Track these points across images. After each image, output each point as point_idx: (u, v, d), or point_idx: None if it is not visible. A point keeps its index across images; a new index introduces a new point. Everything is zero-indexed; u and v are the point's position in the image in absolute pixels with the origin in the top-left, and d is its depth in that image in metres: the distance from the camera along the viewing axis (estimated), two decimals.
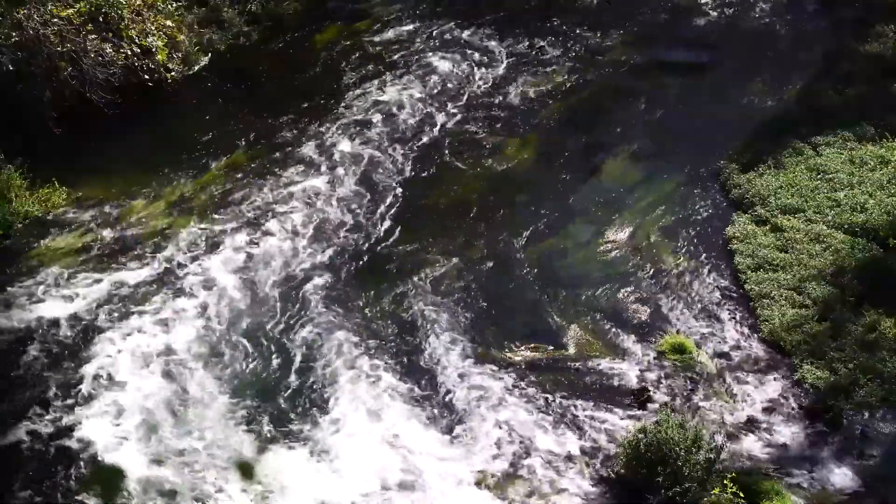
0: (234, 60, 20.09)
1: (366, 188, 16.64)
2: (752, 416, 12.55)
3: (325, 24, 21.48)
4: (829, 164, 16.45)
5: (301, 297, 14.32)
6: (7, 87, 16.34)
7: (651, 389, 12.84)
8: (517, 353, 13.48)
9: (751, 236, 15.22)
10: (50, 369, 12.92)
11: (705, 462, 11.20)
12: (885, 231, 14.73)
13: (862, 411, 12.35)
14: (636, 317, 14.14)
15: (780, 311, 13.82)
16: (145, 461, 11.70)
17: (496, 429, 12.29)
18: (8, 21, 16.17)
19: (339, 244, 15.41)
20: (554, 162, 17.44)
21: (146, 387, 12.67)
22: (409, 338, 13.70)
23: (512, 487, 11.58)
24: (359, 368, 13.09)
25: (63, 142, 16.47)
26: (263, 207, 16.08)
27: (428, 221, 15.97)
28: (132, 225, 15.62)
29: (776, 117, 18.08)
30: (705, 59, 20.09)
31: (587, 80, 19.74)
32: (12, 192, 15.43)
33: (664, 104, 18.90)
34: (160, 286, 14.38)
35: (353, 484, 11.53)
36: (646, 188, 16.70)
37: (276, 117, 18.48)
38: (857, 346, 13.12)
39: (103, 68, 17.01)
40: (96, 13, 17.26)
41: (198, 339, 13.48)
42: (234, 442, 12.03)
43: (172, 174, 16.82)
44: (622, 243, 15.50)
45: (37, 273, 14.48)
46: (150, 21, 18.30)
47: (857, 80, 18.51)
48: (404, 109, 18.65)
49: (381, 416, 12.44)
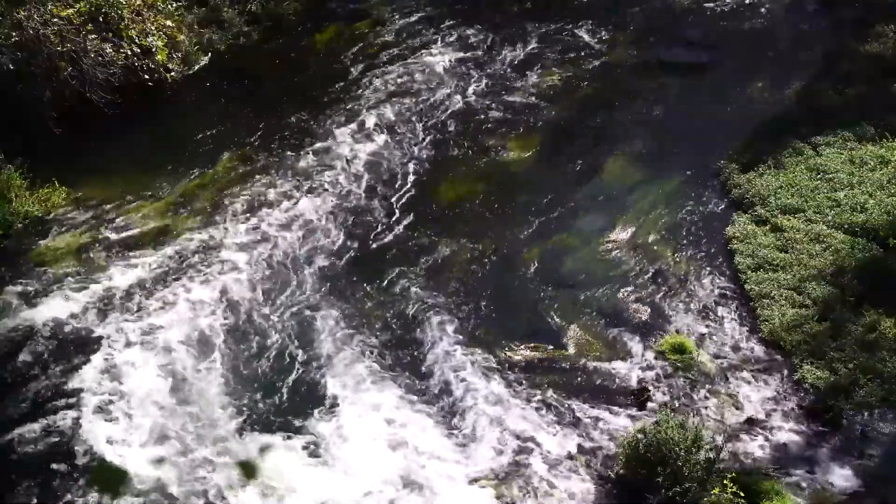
0: (234, 60, 20.11)
1: (366, 187, 16.67)
2: (752, 416, 12.54)
3: (325, 24, 21.50)
4: (829, 164, 16.45)
5: (301, 295, 14.33)
6: (7, 87, 16.35)
7: (651, 389, 12.84)
8: (517, 353, 13.48)
9: (751, 236, 15.21)
10: (50, 369, 12.93)
11: (705, 462, 11.20)
12: (885, 231, 14.73)
13: (862, 411, 12.34)
14: (636, 317, 14.14)
15: (780, 311, 13.81)
16: (146, 461, 11.70)
17: (496, 428, 12.28)
18: (8, 21, 16.18)
19: (339, 243, 15.43)
20: (554, 161, 17.46)
21: (146, 386, 12.68)
22: (410, 336, 13.71)
23: (511, 487, 11.57)
24: (359, 368, 13.10)
25: (63, 142, 16.48)
26: (263, 207, 16.09)
27: (428, 221, 15.97)
28: (132, 225, 15.64)
29: (776, 117, 18.08)
30: (705, 59, 20.11)
31: (587, 79, 19.76)
32: (12, 192, 15.44)
33: (664, 104, 18.92)
34: (160, 286, 14.39)
35: (354, 484, 11.53)
36: (646, 188, 16.70)
37: (276, 117, 18.50)
38: (857, 346, 13.11)
39: (103, 68, 17.03)
40: (96, 13, 17.28)
41: (198, 339, 13.49)
42: (234, 441, 12.03)
43: (172, 174, 16.83)
44: (622, 243, 15.50)
45: (37, 273, 14.50)
46: (149, 21, 18.32)
47: (857, 80, 18.50)
48: (405, 110, 18.66)
49: (381, 415, 12.43)
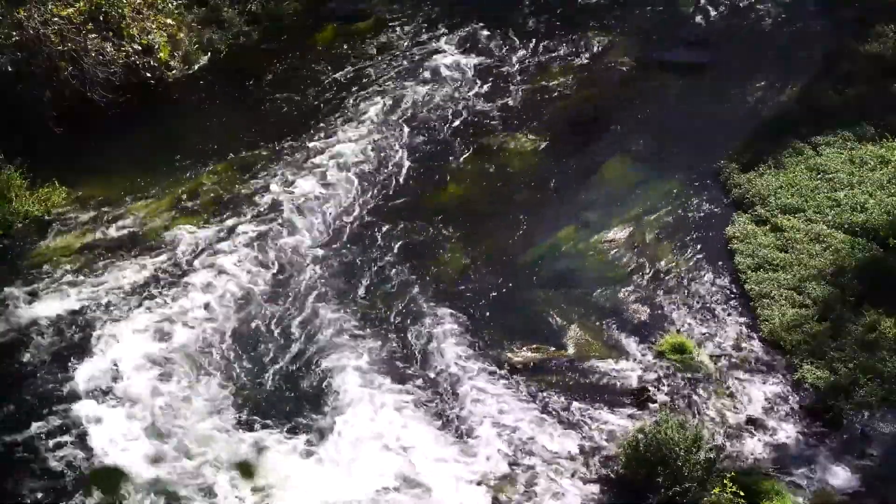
0: (234, 60, 20.10)
1: (367, 187, 16.66)
2: (752, 415, 12.54)
3: (324, 24, 21.48)
4: (829, 164, 16.45)
5: (302, 295, 14.33)
6: (7, 87, 16.35)
7: (651, 389, 12.84)
8: (518, 354, 13.47)
9: (751, 236, 15.21)
10: (50, 369, 12.93)
11: (705, 462, 11.20)
12: (885, 231, 14.73)
13: (862, 411, 12.35)
14: (636, 317, 14.13)
15: (780, 311, 13.81)
16: (146, 461, 11.70)
17: (496, 429, 12.28)
18: (8, 21, 16.18)
19: (340, 242, 15.43)
20: (555, 161, 17.44)
21: (147, 386, 12.68)
22: (410, 337, 13.70)
23: (512, 487, 11.58)
24: (359, 368, 13.09)
25: (63, 142, 16.49)
26: (263, 207, 16.08)
27: (428, 221, 15.95)
28: (132, 225, 15.64)
29: (776, 117, 18.07)
30: (705, 59, 20.08)
31: (588, 79, 19.74)
32: (12, 192, 15.44)
33: (664, 104, 18.90)
34: (160, 286, 14.40)
35: (354, 484, 11.53)
36: (646, 188, 16.69)
37: (277, 117, 18.49)
38: (857, 346, 13.11)
39: (104, 67, 17.03)
40: (97, 12, 17.28)
41: (199, 339, 13.49)
42: (234, 441, 12.03)
43: (172, 174, 16.83)
44: (623, 243, 15.49)
45: (37, 273, 14.50)
46: (150, 19, 18.31)
47: (857, 80, 18.48)
48: (405, 109, 18.65)
49: (381, 415, 12.44)
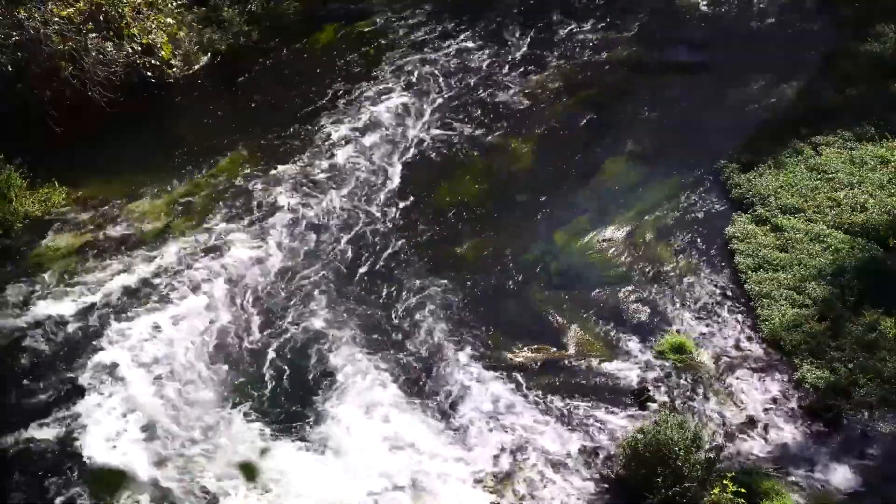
0: (234, 60, 20.10)
1: (367, 187, 16.66)
2: (752, 415, 12.55)
3: (324, 24, 21.48)
4: (829, 164, 16.45)
5: (302, 295, 14.34)
6: (7, 87, 16.34)
7: (651, 389, 12.85)
8: (518, 354, 13.48)
9: (751, 236, 15.22)
10: (50, 369, 12.94)
11: (705, 462, 11.22)
12: (885, 231, 14.73)
13: (862, 411, 12.37)
14: (636, 317, 14.14)
15: (780, 311, 13.82)
16: (147, 461, 11.71)
17: (497, 428, 12.30)
18: (8, 21, 16.16)
19: (341, 242, 15.43)
20: (555, 161, 17.44)
21: (147, 386, 12.70)
22: (411, 337, 13.71)
23: (512, 487, 11.59)
24: (360, 368, 13.11)
25: (63, 142, 16.48)
26: (263, 206, 16.09)
27: (428, 221, 15.97)
28: (132, 225, 15.64)
29: (776, 117, 18.08)
30: (705, 59, 20.09)
31: (588, 79, 19.73)
32: (12, 192, 15.45)
33: (664, 104, 18.90)
34: (160, 286, 14.40)
35: (354, 484, 11.55)
36: (646, 188, 16.70)
37: (276, 117, 18.49)
38: (857, 346, 13.13)
39: (104, 67, 17.00)
40: (97, 11, 17.26)
41: (199, 339, 13.49)
42: (236, 442, 12.04)
43: (172, 174, 16.83)
44: (623, 243, 15.50)
45: (37, 273, 14.50)
46: (150, 19, 18.30)
47: (857, 80, 18.50)
48: (405, 109, 18.65)
49: (383, 415, 12.46)
